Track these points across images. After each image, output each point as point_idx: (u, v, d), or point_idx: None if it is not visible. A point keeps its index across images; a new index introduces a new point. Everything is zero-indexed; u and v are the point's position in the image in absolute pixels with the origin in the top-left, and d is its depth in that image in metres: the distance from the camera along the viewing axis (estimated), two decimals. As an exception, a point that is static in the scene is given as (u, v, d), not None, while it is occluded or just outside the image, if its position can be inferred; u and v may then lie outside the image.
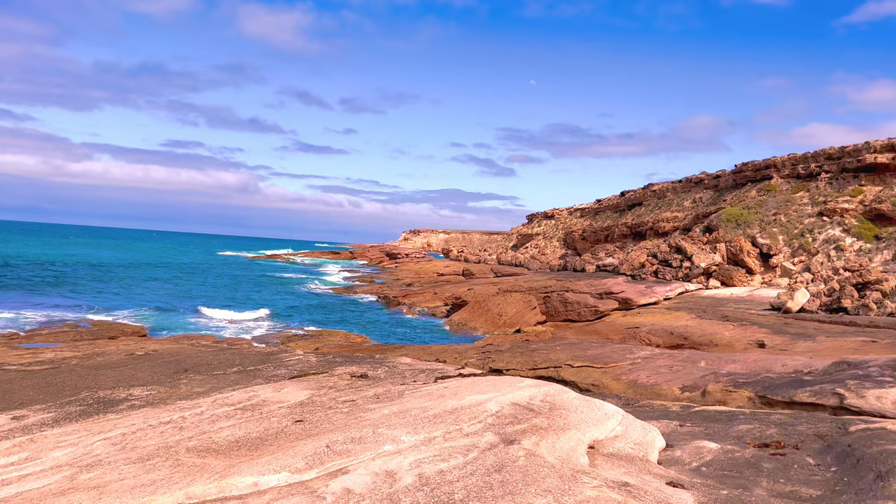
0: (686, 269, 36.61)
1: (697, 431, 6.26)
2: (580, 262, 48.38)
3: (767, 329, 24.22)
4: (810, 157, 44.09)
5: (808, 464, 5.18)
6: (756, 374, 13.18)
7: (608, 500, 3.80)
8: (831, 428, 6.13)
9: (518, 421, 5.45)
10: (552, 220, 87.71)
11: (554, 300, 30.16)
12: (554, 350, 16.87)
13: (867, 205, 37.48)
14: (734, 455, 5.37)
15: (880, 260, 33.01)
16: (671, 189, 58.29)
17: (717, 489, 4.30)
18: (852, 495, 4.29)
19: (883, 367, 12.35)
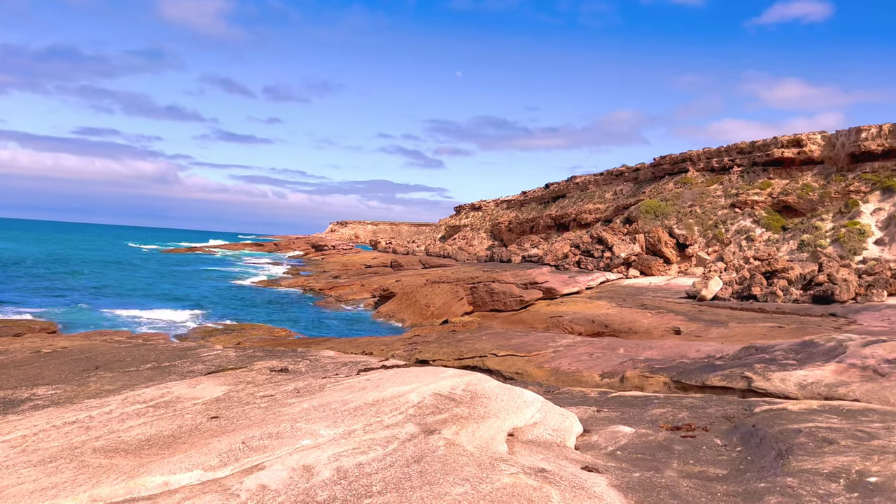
0: (607, 260, 37.65)
1: (614, 416, 6.43)
2: (507, 253, 49.02)
3: (683, 316, 25.21)
4: (723, 152, 46.06)
5: (717, 444, 5.40)
6: (671, 359, 13.68)
7: (524, 487, 3.85)
8: (738, 410, 6.42)
9: (439, 411, 5.46)
10: (480, 211, 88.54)
11: (481, 291, 30.45)
12: (480, 340, 17.04)
13: (775, 197, 39.47)
14: (648, 438, 5.55)
15: (787, 249, 34.85)
16: (593, 181, 59.77)
17: (630, 472, 4.43)
18: (755, 473, 4.50)
19: (787, 351, 13.04)
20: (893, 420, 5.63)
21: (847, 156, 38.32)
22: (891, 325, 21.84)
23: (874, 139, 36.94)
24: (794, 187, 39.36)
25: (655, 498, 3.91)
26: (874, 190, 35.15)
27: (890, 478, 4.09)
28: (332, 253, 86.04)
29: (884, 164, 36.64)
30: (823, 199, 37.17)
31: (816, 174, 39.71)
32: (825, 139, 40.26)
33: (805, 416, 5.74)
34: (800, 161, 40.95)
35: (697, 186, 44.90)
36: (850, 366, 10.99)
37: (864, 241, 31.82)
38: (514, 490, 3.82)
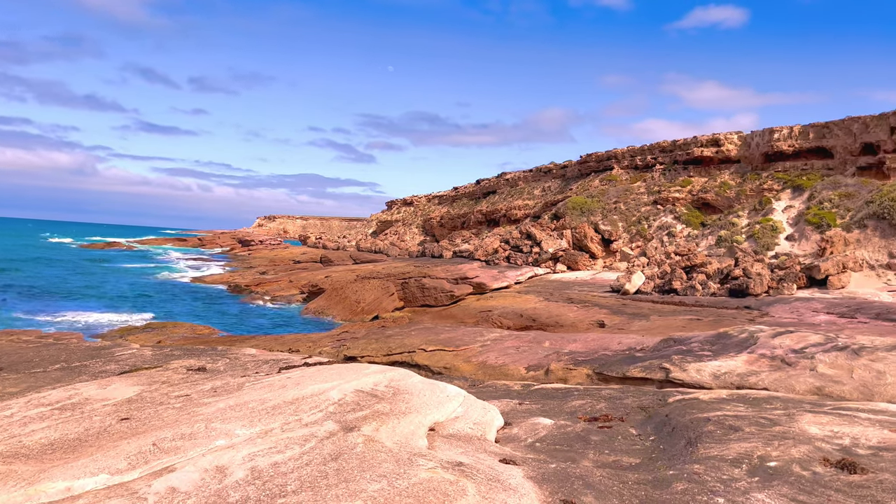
0: (536, 255, 38.27)
1: (535, 409, 6.54)
2: (438, 248, 49.16)
3: (607, 310, 25.88)
4: (647, 150, 47.51)
5: (631, 434, 5.56)
6: (594, 352, 14.02)
7: (441, 481, 3.86)
8: (653, 400, 6.63)
9: (360, 408, 5.41)
10: (411, 206, 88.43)
11: (412, 286, 30.43)
12: (409, 335, 17.02)
13: (695, 194, 40.99)
14: (566, 430, 5.66)
15: (705, 245, 36.26)
16: (523, 178, 60.62)
17: (546, 463, 4.50)
18: (666, 461, 4.66)
19: (703, 343, 13.57)
20: (794, 407, 5.93)
21: (761, 155, 40.17)
22: (799, 316, 23.03)
23: (785, 140, 38.85)
24: (712, 185, 40.97)
25: (569, 488, 3.99)
26: (785, 188, 36.98)
27: (788, 462, 4.31)
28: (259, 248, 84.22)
29: (794, 164, 38.59)
30: (739, 197, 38.85)
31: (733, 172, 41.45)
32: (741, 139, 42.07)
33: (714, 405, 5.98)
34: (718, 160, 42.66)
35: (622, 184, 46.16)
36: (761, 356, 11.52)
37: (776, 237, 33.44)
38: (431, 484, 3.83)
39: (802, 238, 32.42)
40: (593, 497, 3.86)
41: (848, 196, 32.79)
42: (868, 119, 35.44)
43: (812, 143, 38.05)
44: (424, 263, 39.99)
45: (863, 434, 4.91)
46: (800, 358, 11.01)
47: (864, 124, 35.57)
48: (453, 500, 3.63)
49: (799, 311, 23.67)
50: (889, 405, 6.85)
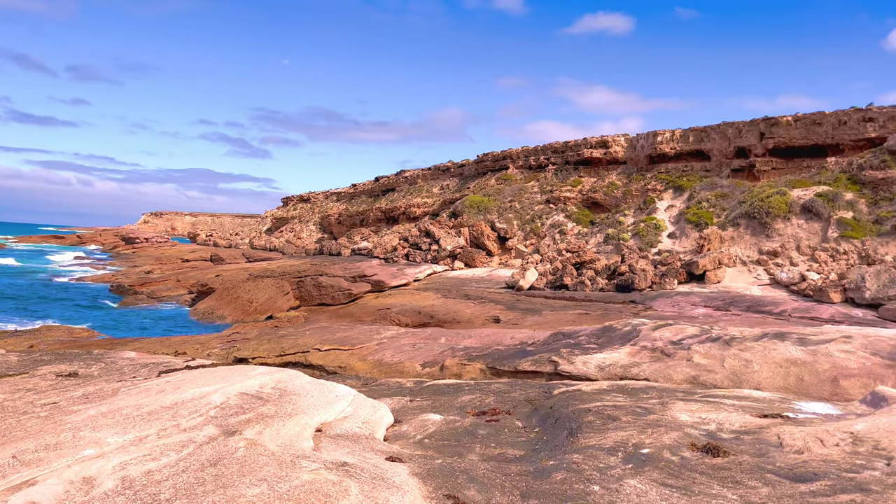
0: (434, 252, 38.55)
1: (426, 405, 6.57)
2: (336, 245, 48.55)
3: (503, 306, 26.45)
4: (540, 151, 48.91)
5: (517, 427, 5.70)
6: (488, 347, 14.28)
7: (323, 482, 3.80)
8: (539, 393, 6.82)
9: (244, 411, 5.25)
10: (309, 203, 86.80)
11: (308, 284, 29.88)
12: (303, 335, 16.70)
13: (585, 194, 42.59)
14: (455, 425, 5.73)
15: (594, 242, 37.74)
16: (422, 176, 60.90)
17: (433, 459, 4.54)
18: (548, 452, 4.80)
19: (590, 336, 14.11)
20: (668, 396, 6.27)
21: (646, 157, 42.28)
22: (680, 309, 24.41)
23: (668, 143, 41.08)
24: (601, 185, 42.72)
25: (453, 482, 4.03)
26: (667, 188, 39.10)
27: (660, 448, 4.54)
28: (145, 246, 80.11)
29: (676, 166, 40.88)
30: (626, 197, 40.72)
31: (620, 173, 43.39)
32: (627, 141, 44.11)
33: (596, 396, 6.23)
34: (606, 161, 44.53)
35: (517, 183, 47.29)
36: (642, 348, 12.11)
37: (659, 235, 35.30)
38: (313, 486, 3.76)
39: (683, 236, 34.39)
40: (476, 490, 3.92)
41: (723, 196, 35.06)
42: (741, 124, 38.05)
43: (692, 147, 40.43)
44: (322, 261, 39.39)
45: (727, 419, 5.26)
46: (678, 349, 11.65)
47: (738, 129, 38.16)
48: (335, 501, 3.59)
49: (679, 304, 25.10)
50: (753, 392, 7.37)
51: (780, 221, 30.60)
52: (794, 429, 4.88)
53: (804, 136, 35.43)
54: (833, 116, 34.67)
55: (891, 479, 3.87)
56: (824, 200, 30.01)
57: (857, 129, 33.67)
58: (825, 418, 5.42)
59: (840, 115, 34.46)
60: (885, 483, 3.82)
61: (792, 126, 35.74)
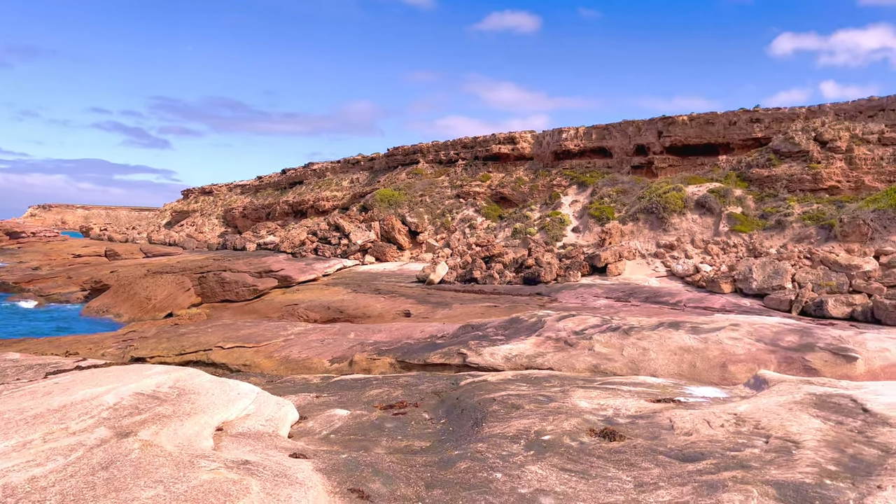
0: (344, 247, 38.16)
1: (332, 401, 6.51)
2: (241, 240, 47.20)
3: (413, 299, 26.51)
4: (450, 145, 49.29)
5: (424, 419, 5.73)
6: (398, 341, 14.29)
7: (223, 481, 3.70)
8: (446, 384, 6.89)
9: (139, 411, 5.03)
10: (211, 196, 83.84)
11: (210, 280, 28.91)
12: (205, 332, 16.16)
13: (493, 189, 43.27)
14: (362, 419, 5.70)
15: (503, 236, 38.43)
16: (331, 169, 60.07)
17: (338, 454, 4.50)
18: (453, 442, 4.86)
19: (497, 328, 14.37)
20: (569, 384, 6.48)
21: (551, 153, 43.40)
22: (583, 301, 25.24)
23: (572, 140, 42.33)
24: (509, 180, 43.53)
25: (359, 476, 4.02)
26: (572, 184, 40.31)
27: (560, 435, 4.69)
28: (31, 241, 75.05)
29: (580, 162, 42.20)
30: (533, 192, 41.67)
31: (527, 169, 44.36)
32: (534, 138, 45.13)
33: (501, 386, 6.36)
34: (514, 157, 45.42)
35: (427, 177, 47.48)
36: (547, 338, 12.45)
37: (564, 229, 36.34)
38: (212, 486, 3.65)
39: (586, 230, 35.55)
40: (381, 483, 3.93)
41: (624, 192, 36.48)
42: (640, 123, 39.69)
43: (595, 144, 41.83)
44: (225, 256, 38.21)
45: (624, 405, 5.49)
46: (580, 339, 12.04)
47: (637, 128, 39.79)
48: (235, 500, 3.50)
49: (583, 296, 25.94)
50: (648, 378, 7.73)
51: (676, 216, 32.17)
52: (684, 412, 5.16)
53: (698, 135, 37.37)
54: (724, 117, 36.74)
55: (769, 456, 4.15)
56: (716, 197, 31.78)
57: (745, 129, 35.84)
58: (713, 401, 5.75)
59: (730, 116, 36.56)
60: (763, 459, 4.10)
61: (687, 125, 37.62)
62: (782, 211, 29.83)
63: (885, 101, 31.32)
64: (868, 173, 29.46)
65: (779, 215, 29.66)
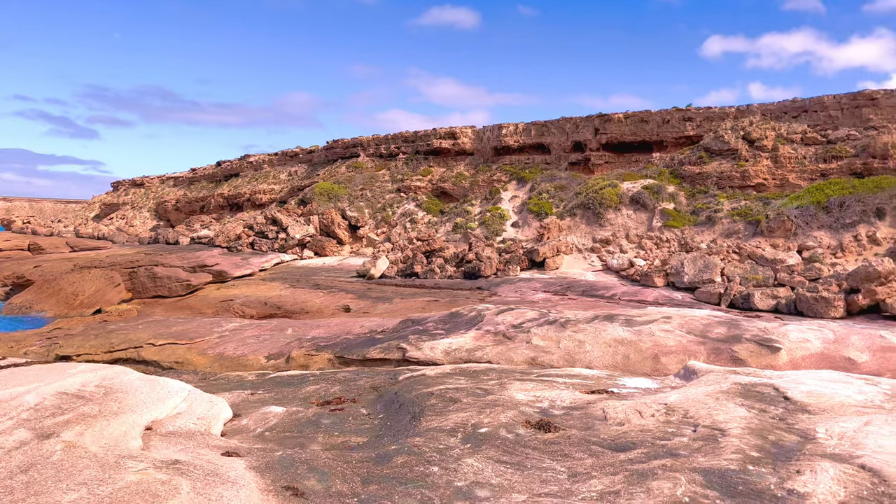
0: (282, 241, 37.54)
1: (268, 398, 6.40)
2: (174, 234, 45.87)
3: (353, 294, 26.30)
4: (391, 139, 49.06)
5: (362, 414, 5.69)
6: (337, 336, 14.16)
7: (151, 482, 3.58)
8: (385, 379, 6.86)
9: (62, 412, 4.82)
10: (143, 188, 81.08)
11: (141, 275, 27.98)
12: (136, 329, 15.63)
13: (434, 183, 43.32)
14: (298, 416, 5.62)
15: (444, 231, 38.53)
16: (268, 161, 58.95)
17: (273, 451, 4.42)
18: (391, 437, 4.84)
19: (437, 322, 14.40)
20: (507, 377, 6.55)
21: (491, 149, 43.72)
22: (522, 295, 25.55)
23: (511, 136, 42.75)
24: (450, 175, 43.65)
25: (293, 473, 3.96)
26: (511, 180, 40.72)
27: (496, 427, 4.73)
28: (-50, 234, 71.03)
29: (519, 158, 42.66)
30: (473, 187, 41.91)
31: (468, 164, 44.56)
32: (475, 133, 45.37)
33: (439, 380, 6.37)
34: (455, 152, 45.55)
35: (368, 171, 47.14)
36: (486, 332, 12.55)
37: (504, 224, 36.70)
38: (140, 487, 3.53)
39: (525, 225, 35.98)
40: (316, 480, 3.88)
41: (562, 188, 37.07)
42: (578, 120, 40.39)
43: (534, 140, 42.35)
44: (158, 251, 37.07)
45: (559, 396, 5.59)
46: (518, 332, 12.19)
47: (575, 125, 40.48)
48: (164, 501, 3.39)
49: (522, 290, 26.26)
50: (584, 370, 7.89)
51: (612, 212, 32.90)
52: (617, 403, 5.28)
53: (633, 133, 38.28)
54: (658, 115, 37.74)
55: (696, 444, 4.29)
56: (650, 193, 32.64)
57: (678, 127, 36.91)
58: (644, 392, 5.91)
59: (664, 115, 37.58)
60: (691, 447, 4.23)
61: (623, 123, 38.48)
62: (712, 207, 30.89)
63: (808, 102, 32.79)
64: (792, 171, 30.79)
65: (709, 211, 30.70)
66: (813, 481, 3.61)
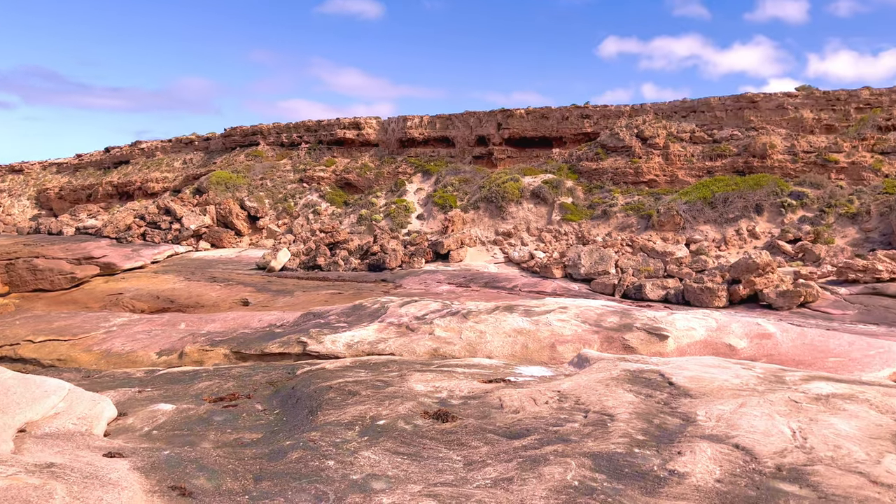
0: (176, 232, 36.00)
1: (156, 395, 6.12)
2: (57, 224, 43.04)
3: (252, 288, 25.60)
4: (293, 128, 47.94)
5: (257, 410, 5.54)
6: (234, 331, 13.73)
7: (23, 487, 3.34)
8: (282, 374, 6.71)
9: (-80, 416, 4.42)
10: (22, 175, 75.51)
11: (20, 268, 26.13)
12: (12, 325, 14.57)
13: (338, 174, 42.75)
14: (189, 413, 5.41)
15: (348, 223, 38.12)
16: (161, 148, 56.27)
17: (160, 451, 4.23)
18: (287, 432, 4.74)
19: (340, 315, 14.24)
20: (407, 368, 6.56)
21: (397, 141, 43.60)
22: (426, 287, 25.69)
23: (417, 128, 42.78)
24: (354, 166, 43.19)
25: (181, 473, 3.80)
26: (416, 172, 40.78)
27: (395, 419, 4.73)
28: None
29: (424, 150, 42.76)
30: (378, 178, 41.67)
31: (373, 155, 44.24)
32: (380, 124, 45.08)
33: (338, 373, 6.29)
34: (359, 142, 45.09)
35: (268, 160, 45.90)
36: (389, 324, 12.52)
37: (409, 216, 36.71)
38: (9, 493, 3.28)
39: (430, 217, 36.16)
40: (206, 478, 3.74)
41: (466, 181, 37.48)
42: (481, 114, 40.92)
43: (438, 133, 42.56)
44: (39, 241, 34.66)
45: (457, 386, 5.64)
46: (421, 324, 12.23)
47: (479, 119, 40.99)
48: (35, 509, 3.16)
49: (426, 282, 26.41)
50: (483, 359, 8.02)
51: (514, 205, 33.60)
52: (513, 391, 5.39)
53: (534, 129, 39.19)
54: (558, 112, 38.81)
55: (587, 430, 4.45)
56: (549, 187, 33.56)
57: (576, 124, 38.10)
58: (540, 380, 6.07)
59: (563, 111, 38.69)
60: (582, 433, 4.38)
61: (524, 119, 39.32)
62: (608, 202, 32.13)
63: (696, 103, 34.66)
64: (681, 168, 32.47)
65: (605, 206, 31.91)
66: (692, 461, 3.81)
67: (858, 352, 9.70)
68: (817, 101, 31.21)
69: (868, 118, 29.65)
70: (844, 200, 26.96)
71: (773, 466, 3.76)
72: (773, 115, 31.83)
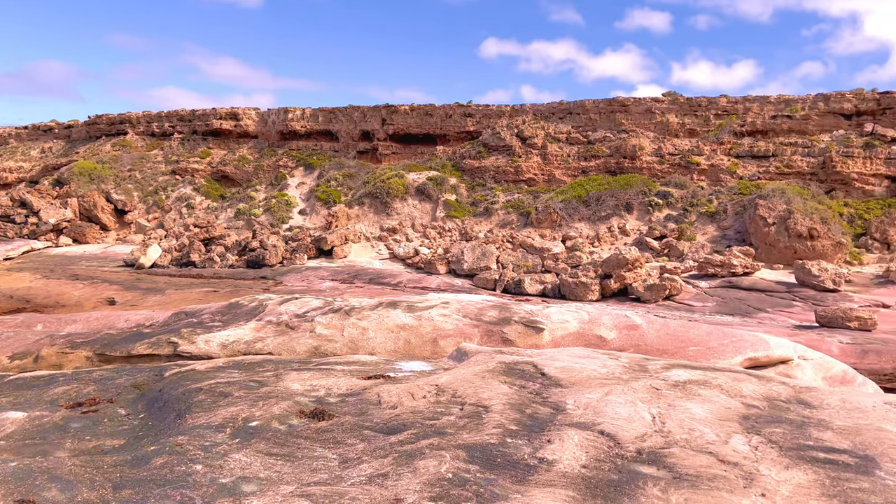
0: (33, 226, 33.30)
1: (5, 402, 5.62)
2: None
3: (119, 286, 24.17)
4: (164, 117, 45.55)
5: (120, 415, 5.22)
6: (98, 332, 12.87)
7: None
8: (149, 377, 6.36)
9: None
10: None
11: None
12: None
13: (214, 166, 41.08)
14: (42, 421, 5.01)
15: (225, 217, 36.72)
16: (16, 135, 51.78)
17: (6, 463, 3.89)
18: (152, 437, 4.50)
19: (214, 314, 13.69)
20: (284, 367, 6.41)
21: (277, 133, 42.46)
22: (309, 283, 25.23)
23: (298, 121, 41.85)
24: (232, 158, 41.65)
25: (30, 485, 3.51)
26: (298, 166, 39.91)
27: (269, 419, 4.60)
28: None
29: (307, 144, 41.90)
30: (258, 172, 40.41)
31: (252, 148, 42.84)
32: (259, 116, 43.71)
33: (210, 374, 6.04)
34: (237, 134, 43.53)
35: (137, 150, 43.38)
36: (268, 322, 12.18)
37: (290, 211, 35.89)
38: None
39: (313, 213, 35.52)
40: (58, 490, 3.47)
41: (350, 176, 37.14)
42: (366, 109, 40.65)
43: (322, 126, 41.86)
44: None
45: (336, 384, 5.58)
46: (302, 322, 11.99)
47: (363, 114, 40.70)
48: None
49: (309, 278, 25.93)
50: (363, 356, 7.97)
51: (399, 202, 33.66)
52: (392, 387, 5.40)
53: (419, 125, 39.42)
54: (442, 110, 39.23)
55: (462, 422, 4.53)
56: (434, 184, 33.89)
57: (460, 122, 38.69)
58: (419, 374, 6.11)
59: (447, 109, 39.16)
60: (457, 426, 4.45)
61: (409, 115, 39.45)
62: (490, 199, 32.89)
63: (572, 105, 36.15)
64: (558, 168, 33.77)
65: (487, 203, 32.64)
66: (560, 449, 3.97)
67: (715, 341, 10.47)
68: (681, 106, 33.43)
69: (725, 124, 32.13)
70: (705, 200, 29.08)
71: (634, 451, 3.99)
72: (642, 119, 33.78)
